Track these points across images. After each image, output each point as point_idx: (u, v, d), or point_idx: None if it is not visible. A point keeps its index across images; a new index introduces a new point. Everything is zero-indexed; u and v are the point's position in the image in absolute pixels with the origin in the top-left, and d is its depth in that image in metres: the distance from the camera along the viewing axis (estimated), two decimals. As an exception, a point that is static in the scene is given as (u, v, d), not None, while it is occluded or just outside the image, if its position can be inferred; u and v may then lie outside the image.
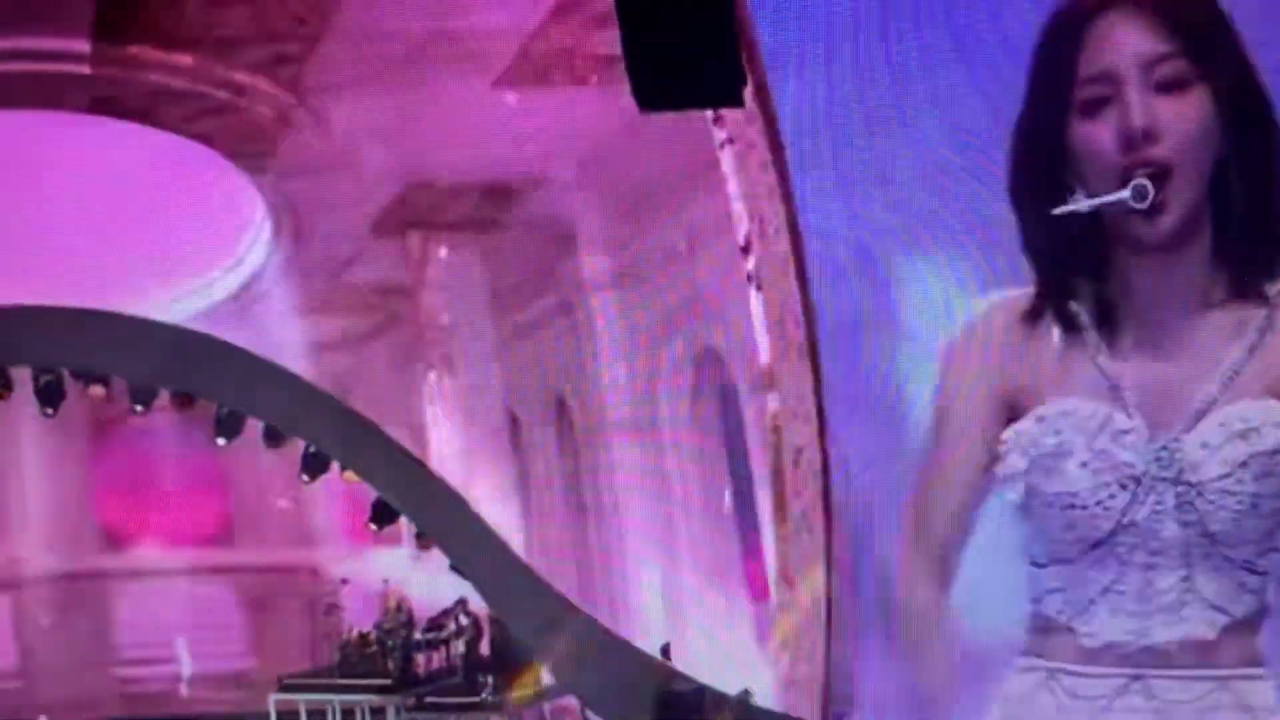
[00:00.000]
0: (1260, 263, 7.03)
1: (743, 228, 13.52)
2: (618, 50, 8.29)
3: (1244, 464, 9.70)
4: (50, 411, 14.36)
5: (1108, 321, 7.38)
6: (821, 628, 15.03)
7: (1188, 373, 9.43)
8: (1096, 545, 8.91)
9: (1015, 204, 6.44)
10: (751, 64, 11.32)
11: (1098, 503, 8.62)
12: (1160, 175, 5.63)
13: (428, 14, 13.78)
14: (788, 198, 14.21)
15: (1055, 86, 6.20)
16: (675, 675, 14.09)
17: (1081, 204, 5.91)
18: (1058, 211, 6.08)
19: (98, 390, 14.45)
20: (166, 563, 16.09)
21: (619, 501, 15.39)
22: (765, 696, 14.08)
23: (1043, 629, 9.07)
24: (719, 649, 15.03)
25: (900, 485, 12.48)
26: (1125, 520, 8.66)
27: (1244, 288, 8.02)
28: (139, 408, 14.44)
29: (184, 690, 16.02)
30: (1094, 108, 5.83)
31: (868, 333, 13.24)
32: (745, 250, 13.53)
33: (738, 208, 13.51)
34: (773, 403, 14.11)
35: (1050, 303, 6.97)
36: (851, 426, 13.45)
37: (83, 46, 13.87)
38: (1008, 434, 7.15)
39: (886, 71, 12.89)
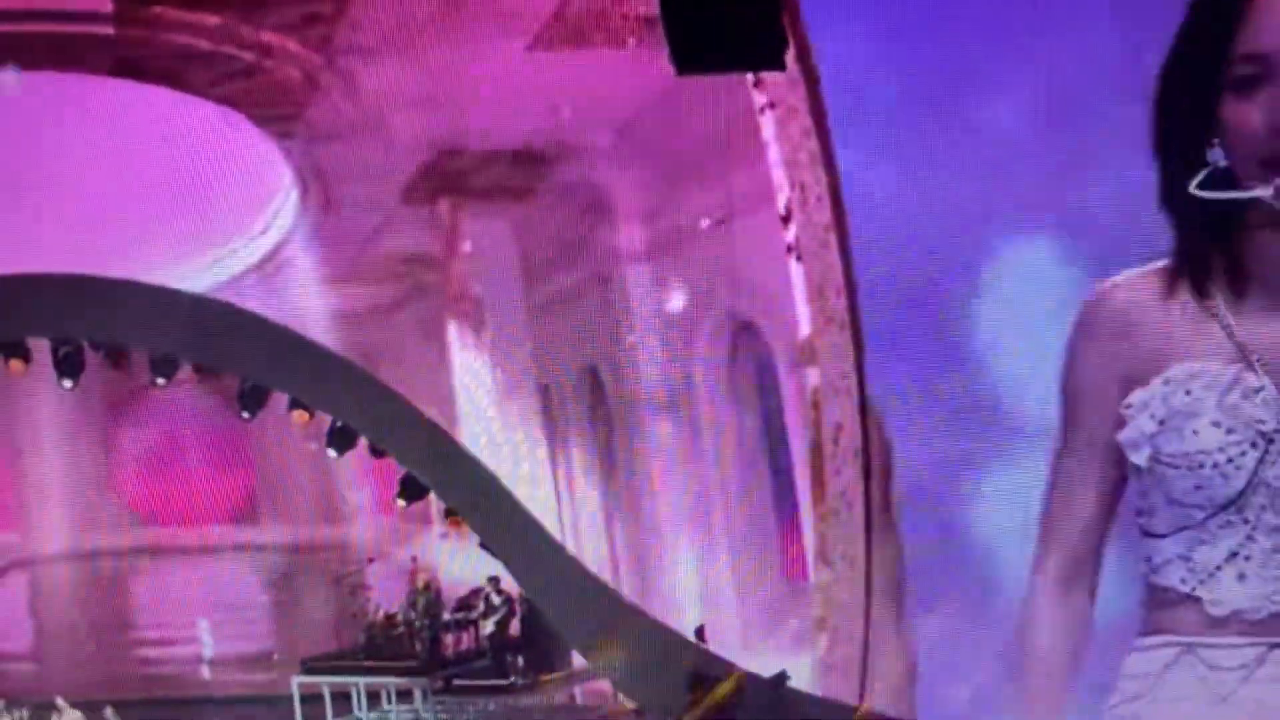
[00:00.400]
0: None
1: (783, 196, 13.43)
2: (656, 11, 8.07)
3: None
4: (70, 384, 14.34)
5: (1239, 288, 7.19)
6: (861, 609, 14.92)
7: None
8: (1225, 507, 8.81)
9: (1161, 165, 6.14)
10: (794, 26, 11.07)
11: (1229, 460, 8.32)
12: None
13: None
14: (830, 165, 14.12)
15: (1211, 55, 5.91)
16: (709, 658, 14.04)
17: (1220, 193, 5.68)
18: (1194, 188, 5.83)
19: (118, 362, 14.54)
20: (188, 541, 16.02)
21: (653, 477, 15.24)
22: (802, 679, 13.83)
23: (1165, 603, 8.79)
24: (755, 630, 15.00)
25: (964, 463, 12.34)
26: (1256, 479, 8.42)
27: None
28: (161, 380, 14.37)
29: (204, 672, 15.90)
30: (1248, 85, 5.59)
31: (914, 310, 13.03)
32: (785, 219, 13.41)
33: (778, 175, 13.38)
34: (812, 377, 14.09)
35: (1185, 268, 6.73)
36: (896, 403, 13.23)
37: (105, 5, 13.74)
38: (1132, 398, 6.83)
39: (957, 36, 12.68)
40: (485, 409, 15.46)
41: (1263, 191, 5.42)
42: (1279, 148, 5.44)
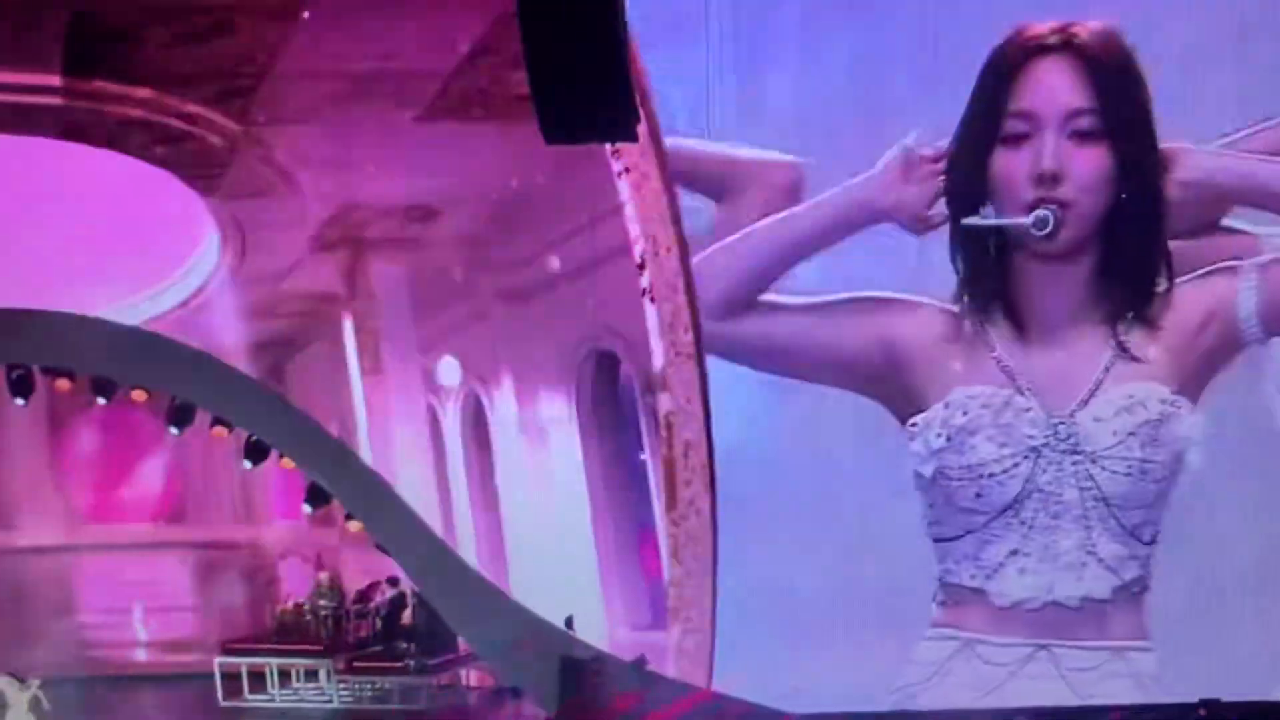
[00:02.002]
0: (1138, 289, 8.14)
1: (639, 247, 14.42)
2: (527, 90, 9.10)
3: (1131, 433, 11.11)
4: (22, 402, 15.08)
5: (1018, 325, 8.39)
6: (709, 603, 15.71)
7: (1076, 364, 10.85)
8: (1004, 510, 10.09)
9: (950, 213, 7.13)
10: (645, 104, 12.23)
11: (1004, 471, 9.76)
12: (1060, 208, 6.36)
13: (359, 56, 14.27)
14: (678, 220, 15.08)
15: (987, 115, 6.80)
16: (576, 644, 14.40)
17: (989, 220, 6.49)
18: (965, 222, 6.77)
19: (63, 384, 14.99)
20: (124, 538, 16.54)
21: (528, 489, 15.87)
22: (659, 663, 14.47)
23: (955, 601, 10.21)
24: (617, 620, 15.64)
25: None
26: (1029, 486, 9.77)
27: (1120, 308, 9.41)
28: (101, 400, 15.10)
29: (140, 654, 16.57)
30: (1016, 140, 6.56)
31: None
32: (641, 267, 14.27)
33: (634, 229, 14.26)
34: (665, 403, 14.89)
35: (967, 312, 7.80)
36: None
37: (54, 80, 14.44)
38: (917, 419, 8.12)
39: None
40: (381, 427, 16.02)
41: (1023, 220, 6.39)
42: (1042, 195, 6.41)
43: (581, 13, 9.15)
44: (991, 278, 9.85)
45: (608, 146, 13.87)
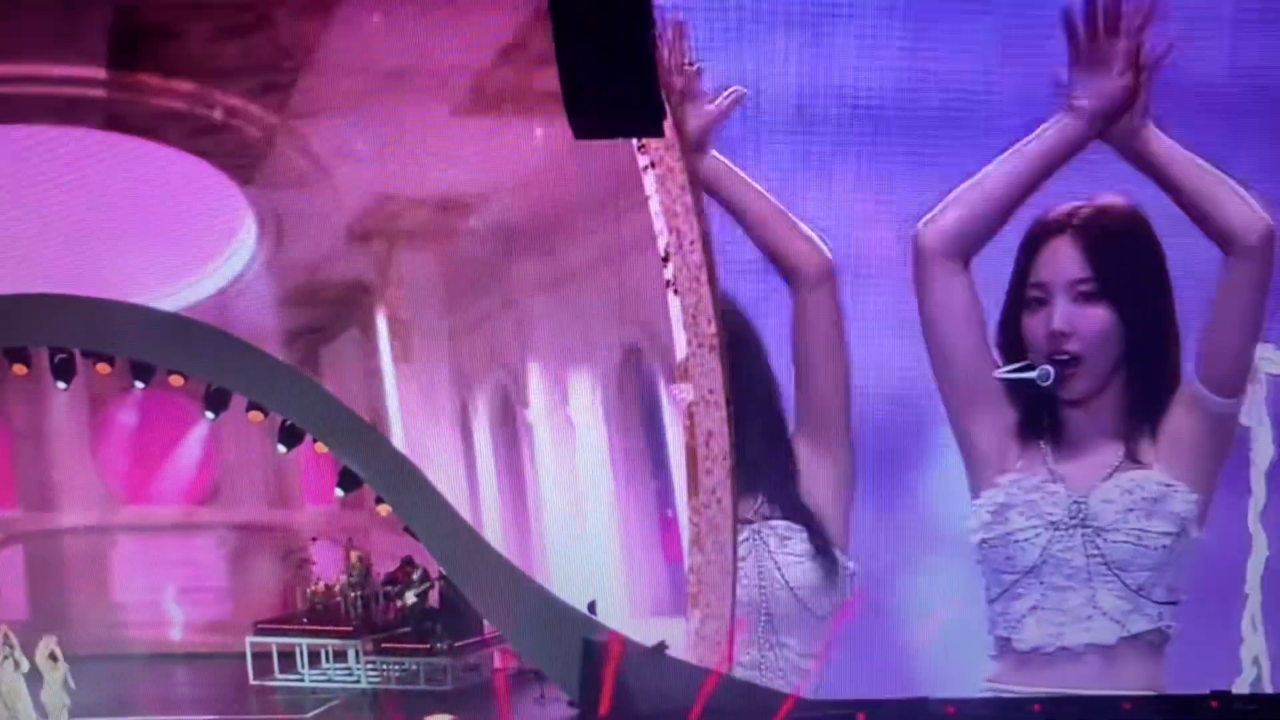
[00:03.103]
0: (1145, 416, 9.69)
1: (663, 240, 14.48)
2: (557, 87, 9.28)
3: (1130, 509, 12.90)
4: (63, 385, 15.51)
5: (1053, 437, 9.94)
6: (729, 589, 15.80)
7: (1095, 465, 12.45)
8: (1028, 572, 11.60)
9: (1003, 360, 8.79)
10: (670, 101, 12.43)
11: (1027, 539, 11.30)
12: (1073, 362, 7.49)
13: (396, 52, 14.47)
14: (701, 215, 15.22)
15: (1017, 285, 8.24)
16: (599, 628, 14.78)
17: (1011, 373, 7.72)
18: (997, 374, 8.12)
19: (103, 367, 15.39)
20: (159, 520, 16.75)
21: (553, 477, 15.85)
22: (679, 648, 14.71)
23: (997, 654, 11.92)
24: (640, 606, 15.60)
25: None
26: (1046, 553, 11.39)
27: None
28: (140, 384, 15.49)
29: (174, 634, 16.79)
30: (1036, 305, 7.77)
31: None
32: (665, 260, 14.48)
33: (659, 224, 14.50)
34: (688, 393, 15.13)
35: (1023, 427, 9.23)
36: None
37: (99, 73, 14.71)
38: (979, 499, 9.66)
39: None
40: (412, 415, 16.00)
41: (1031, 375, 7.55)
42: (1055, 349, 7.54)
43: (611, 11, 9.36)
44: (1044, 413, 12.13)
45: (634, 142, 14.04)
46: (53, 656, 13.72)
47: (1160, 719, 13.51)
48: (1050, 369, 8.55)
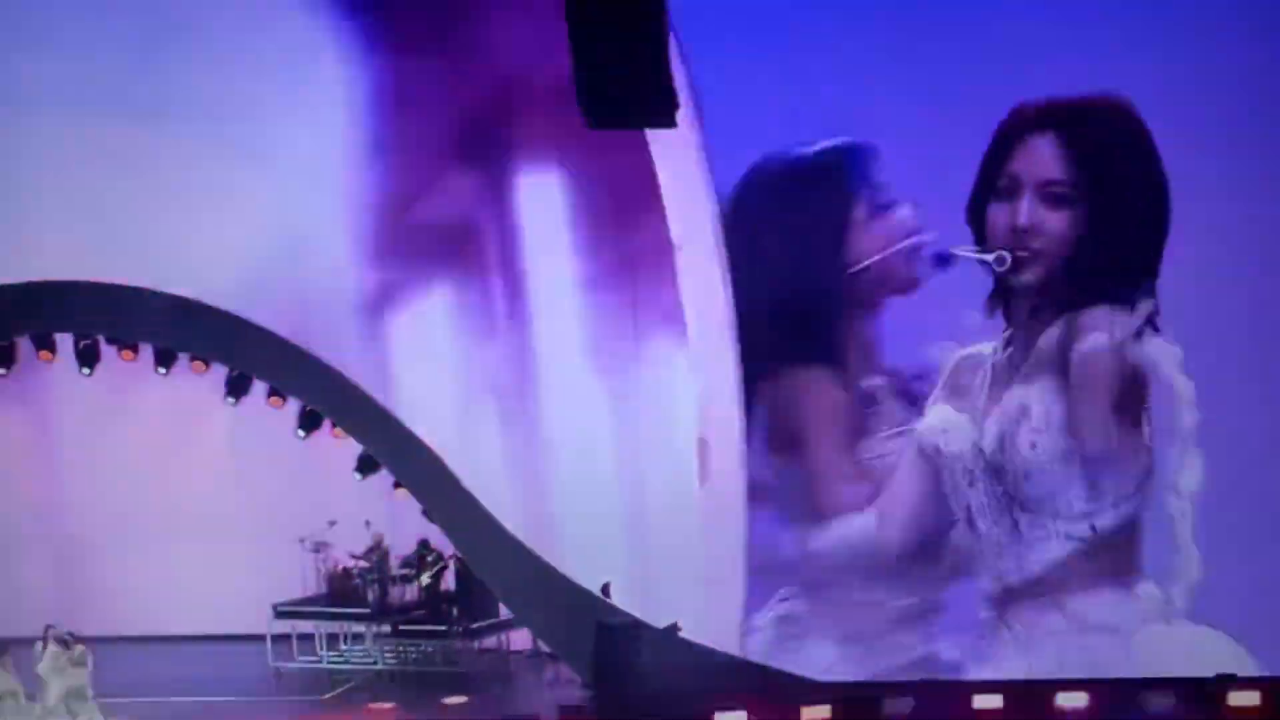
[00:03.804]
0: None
1: (675, 230, 14.80)
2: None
3: None
4: (88, 371, 15.71)
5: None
6: (740, 574, 15.89)
7: None
8: None
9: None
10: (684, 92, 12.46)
11: None
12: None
13: None
14: (714, 204, 15.36)
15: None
16: (612, 610, 15.02)
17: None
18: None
19: (128, 354, 15.57)
20: (183, 503, 16.72)
21: (570, 463, 16.06)
22: (691, 630, 14.89)
23: None
24: (652, 590, 15.62)
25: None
26: None
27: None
28: (163, 370, 15.64)
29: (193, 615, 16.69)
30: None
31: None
32: (678, 247, 14.80)
33: (671, 213, 14.84)
34: (699, 382, 15.31)
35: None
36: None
37: None
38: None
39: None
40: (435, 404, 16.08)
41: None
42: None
43: (623, 4, 9.48)
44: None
45: (646, 133, 14.22)
46: (63, 641, 13.70)
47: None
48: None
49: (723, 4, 14.08)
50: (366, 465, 15.31)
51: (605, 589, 15.07)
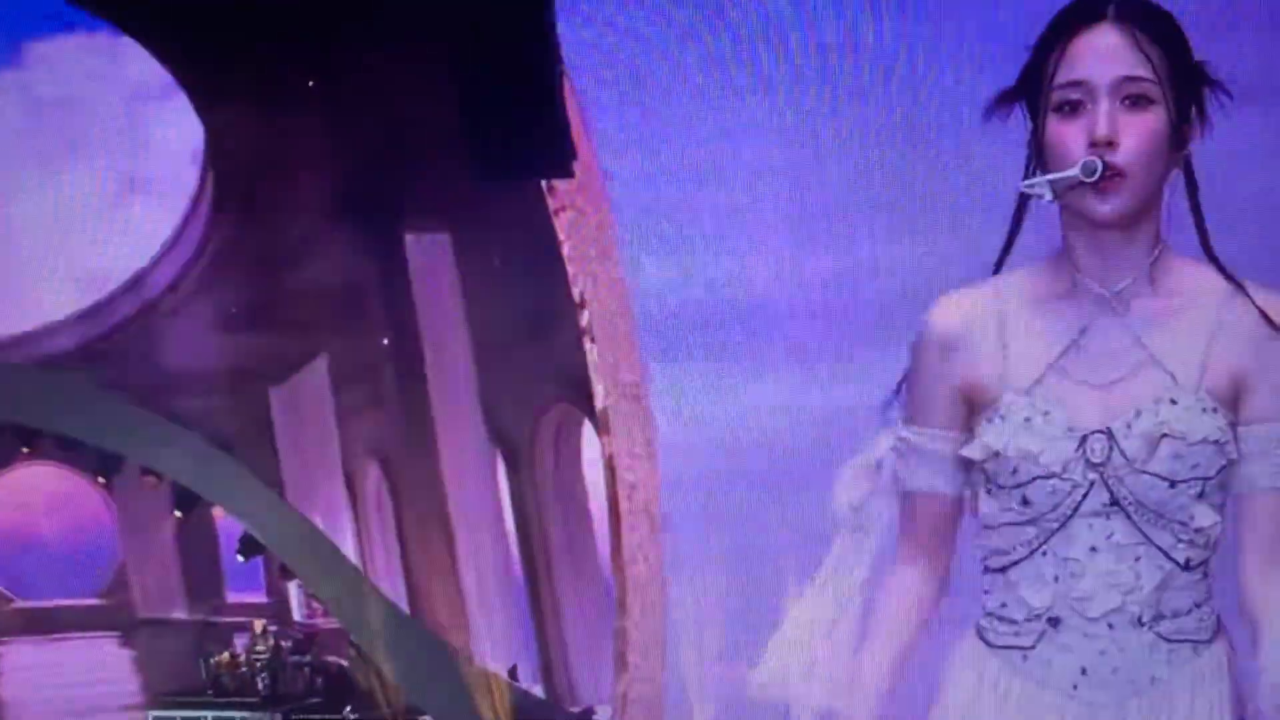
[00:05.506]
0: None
1: (577, 287, 14.12)
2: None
3: None
4: None
5: None
6: (658, 651, 15.46)
7: None
8: None
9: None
10: (580, 141, 11.87)
11: None
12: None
13: None
14: (617, 258, 14.77)
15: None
16: (522, 694, 14.43)
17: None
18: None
19: None
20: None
21: (477, 535, 15.32)
22: (604, 714, 14.50)
23: None
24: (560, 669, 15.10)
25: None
26: None
27: None
28: (24, 449, 15.01)
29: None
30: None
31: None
32: (580, 306, 14.16)
33: (572, 268, 14.15)
34: (608, 445, 14.72)
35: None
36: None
37: None
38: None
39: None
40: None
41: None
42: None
43: (514, 47, 9.01)
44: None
45: (543, 184, 13.47)
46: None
47: None
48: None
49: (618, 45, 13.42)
50: (249, 547, 14.75)
51: (513, 672, 14.50)
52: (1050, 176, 6.14)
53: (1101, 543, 5.81)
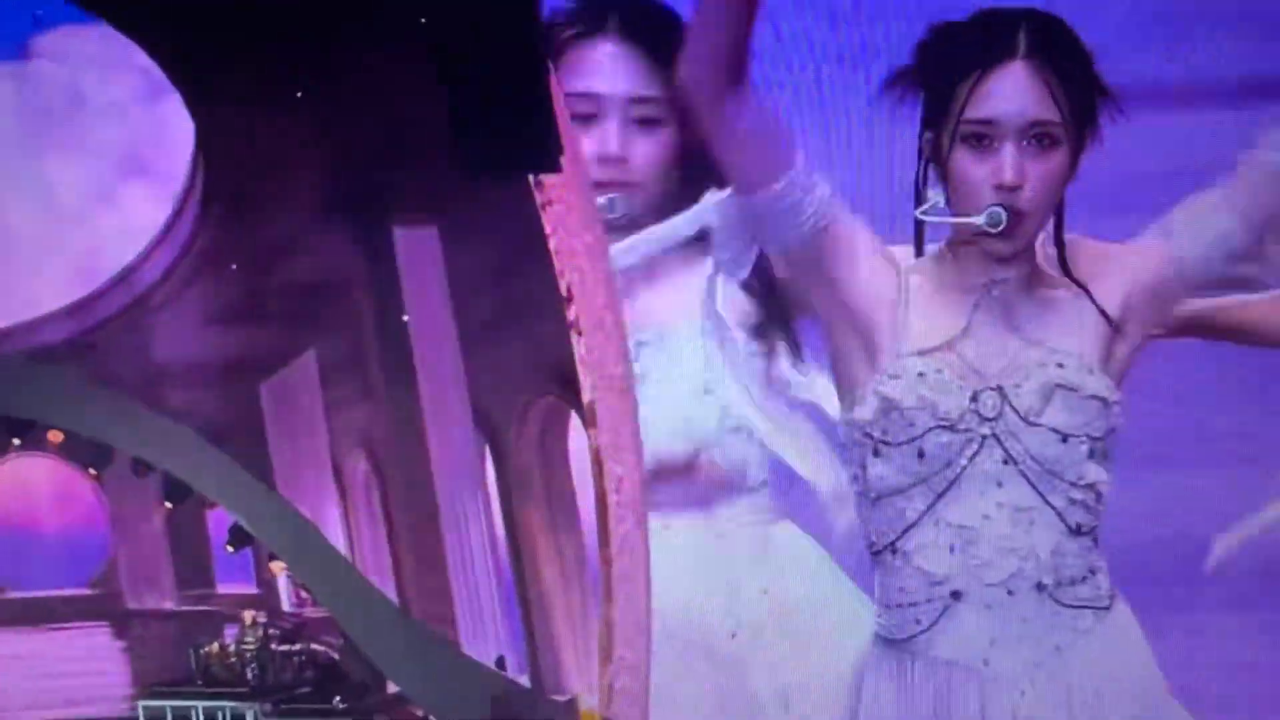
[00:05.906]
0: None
1: (564, 280, 14.13)
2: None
3: None
4: None
5: None
6: (644, 641, 15.49)
7: None
8: None
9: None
10: (568, 134, 11.96)
11: None
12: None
13: None
14: (604, 253, 14.82)
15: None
16: (508, 683, 14.33)
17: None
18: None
19: None
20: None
21: (464, 533, 15.59)
22: (596, 702, 14.74)
23: None
24: (547, 659, 15.59)
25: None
26: None
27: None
28: (16, 440, 14.94)
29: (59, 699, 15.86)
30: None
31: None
32: (568, 300, 14.17)
33: (559, 263, 14.16)
34: (595, 437, 14.73)
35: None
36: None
37: None
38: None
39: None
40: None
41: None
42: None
43: (500, 37, 8.99)
44: None
45: (530, 178, 13.78)
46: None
47: None
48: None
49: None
50: (238, 538, 14.54)
51: (500, 662, 14.24)
52: (954, 220, 6.36)
53: (993, 510, 6.04)
